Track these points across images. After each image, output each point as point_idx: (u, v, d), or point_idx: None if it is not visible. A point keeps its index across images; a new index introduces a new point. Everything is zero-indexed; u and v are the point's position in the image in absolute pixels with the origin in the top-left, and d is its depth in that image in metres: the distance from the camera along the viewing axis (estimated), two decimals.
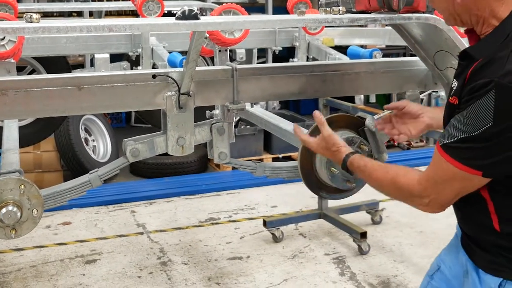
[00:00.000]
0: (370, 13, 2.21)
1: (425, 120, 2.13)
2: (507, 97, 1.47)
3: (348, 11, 2.22)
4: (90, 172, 2.38)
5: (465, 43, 2.28)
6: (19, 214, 2.07)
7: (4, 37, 2.36)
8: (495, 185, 1.61)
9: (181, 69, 2.28)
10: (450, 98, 1.66)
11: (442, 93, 2.61)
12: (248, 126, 6.32)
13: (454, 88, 1.66)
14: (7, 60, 2.45)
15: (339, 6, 2.22)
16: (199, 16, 1.94)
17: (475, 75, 1.54)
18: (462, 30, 2.49)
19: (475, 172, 1.56)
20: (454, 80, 1.69)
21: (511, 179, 1.59)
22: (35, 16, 1.76)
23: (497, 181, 1.60)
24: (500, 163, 1.54)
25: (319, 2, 2.53)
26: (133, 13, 7.27)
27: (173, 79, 2.24)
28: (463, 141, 1.55)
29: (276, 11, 7.32)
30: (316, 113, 2.07)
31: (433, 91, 3.11)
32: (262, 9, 7.68)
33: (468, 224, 1.78)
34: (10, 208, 2.06)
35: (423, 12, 2.19)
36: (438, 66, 2.38)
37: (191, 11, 1.94)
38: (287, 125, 3.01)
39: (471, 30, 1.71)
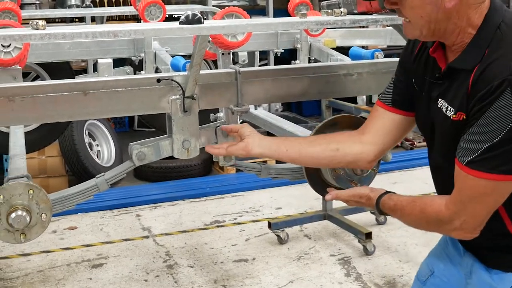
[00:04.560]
0: (371, 14, 2.23)
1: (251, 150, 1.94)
2: None
3: (350, 12, 2.24)
4: (96, 176, 2.40)
5: None
6: (28, 218, 2.09)
7: (10, 44, 2.38)
8: None
9: (185, 73, 2.29)
10: (453, 116, 1.59)
11: None
12: None
13: (447, 106, 1.62)
14: (13, 66, 2.47)
15: (340, 7, 2.24)
16: (202, 20, 1.96)
17: (478, 83, 1.51)
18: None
19: (507, 178, 1.51)
20: (440, 100, 1.65)
21: None
22: (41, 23, 1.77)
23: None
24: None
25: (321, 4, 2.56)
26: (135, 18, 7.31)
27: (177, 82, 2.26)
28: (488, 151, 1.50)
29: (277, 13, 7.34)
30: (328, 197, 1.96)
31: None
32: (263, 12, 7.70)
33: None
34: (19, 212, 2.08)
35: None
36: None
37: (194, 15, 1.96)
38: (290, 127, 3.03)
39: (437, 48, 1.68)
